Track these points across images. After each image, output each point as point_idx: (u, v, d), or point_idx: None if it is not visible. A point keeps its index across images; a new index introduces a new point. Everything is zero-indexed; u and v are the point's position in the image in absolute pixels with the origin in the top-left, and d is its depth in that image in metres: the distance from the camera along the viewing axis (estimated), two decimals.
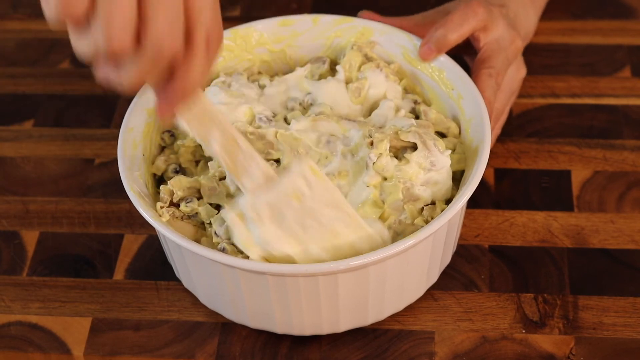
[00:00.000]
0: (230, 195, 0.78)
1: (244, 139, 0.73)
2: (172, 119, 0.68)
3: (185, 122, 0.71)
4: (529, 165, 0.91)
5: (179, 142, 0.83)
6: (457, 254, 0.85)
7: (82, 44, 0.61)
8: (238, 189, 0.76)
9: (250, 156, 0.73)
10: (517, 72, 0.90)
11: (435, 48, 0.84)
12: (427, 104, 0.86)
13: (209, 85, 0.85)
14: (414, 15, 0.90)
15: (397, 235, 0.77)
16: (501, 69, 0.85)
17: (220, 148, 0.72)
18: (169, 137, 0.84)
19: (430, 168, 0.78)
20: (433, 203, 0.78)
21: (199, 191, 0.80)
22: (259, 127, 0.81)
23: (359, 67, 0.86)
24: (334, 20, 0.89)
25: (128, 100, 0.84)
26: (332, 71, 0.88)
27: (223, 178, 0.79)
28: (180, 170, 0.83)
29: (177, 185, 0.79)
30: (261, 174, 0.73)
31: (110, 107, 0.99)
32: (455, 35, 0.84)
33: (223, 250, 0.75)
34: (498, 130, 0.90)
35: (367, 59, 0.87)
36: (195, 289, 0.82)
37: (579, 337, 0.80)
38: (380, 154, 0.77)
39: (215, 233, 0.76)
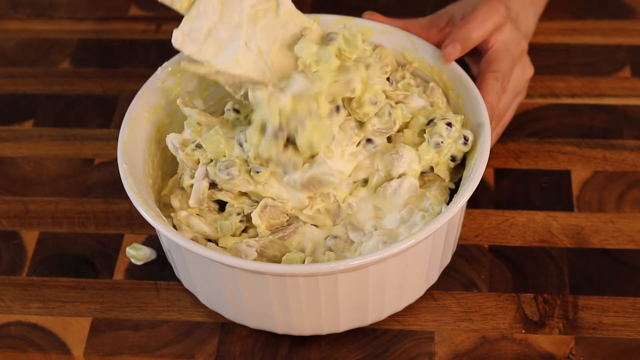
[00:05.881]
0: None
1: None
2: None
3: None
4: (529, 165, 0.91)
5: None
6: (457, 254, 0.85)
7: None
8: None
9: None
10: (522, 73, 0.90)
11: (461, 47, 0.84)
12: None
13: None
14: (419, 18, 0.90)
15: None
16: (507, 72, 0.85)
17: None
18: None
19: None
20: None
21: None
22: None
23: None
24: (334, 20, 0.88)
25: (128, 100, 0.85)
26: None
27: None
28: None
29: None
30: None
31: (110, 107, 0.99)
32: (479, 32, 0.84)
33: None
34: (500, 130, 0.90)
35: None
36: (195, 289, 0.82)
37: (578, 337, 0.80)
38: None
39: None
